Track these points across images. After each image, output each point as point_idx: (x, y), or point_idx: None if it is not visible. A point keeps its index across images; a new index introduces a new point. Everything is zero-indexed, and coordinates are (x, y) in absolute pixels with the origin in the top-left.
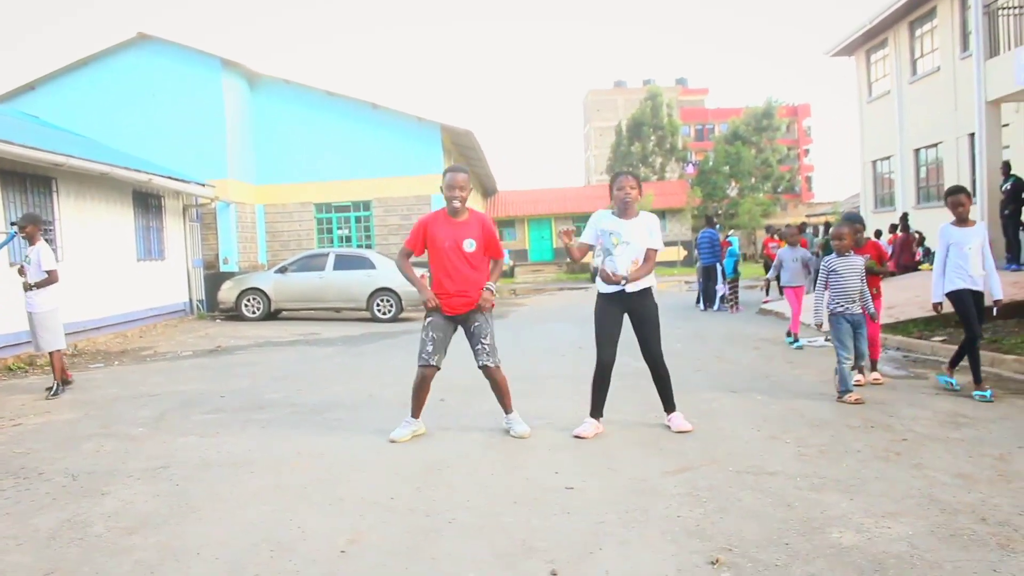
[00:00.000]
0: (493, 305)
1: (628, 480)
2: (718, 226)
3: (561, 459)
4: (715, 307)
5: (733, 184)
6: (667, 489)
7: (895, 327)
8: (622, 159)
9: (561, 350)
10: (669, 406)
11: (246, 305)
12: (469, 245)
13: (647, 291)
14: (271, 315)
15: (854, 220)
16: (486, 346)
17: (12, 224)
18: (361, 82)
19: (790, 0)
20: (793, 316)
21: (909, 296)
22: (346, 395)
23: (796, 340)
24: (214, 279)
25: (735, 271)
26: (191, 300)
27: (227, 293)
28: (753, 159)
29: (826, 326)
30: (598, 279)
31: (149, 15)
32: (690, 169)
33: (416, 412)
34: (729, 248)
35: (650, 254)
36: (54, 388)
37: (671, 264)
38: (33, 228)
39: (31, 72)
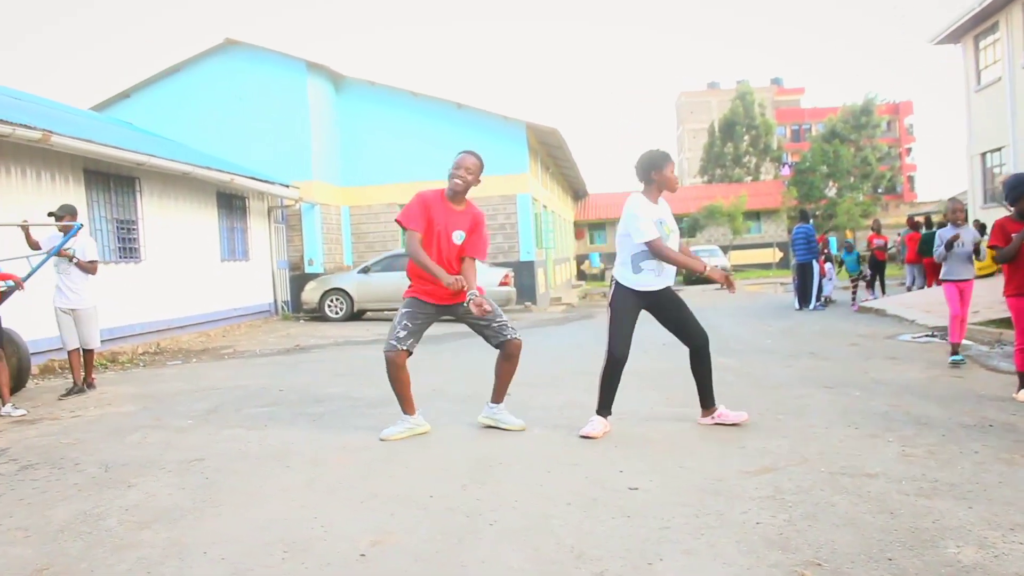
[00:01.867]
0: (485, 306)
1: (701, 480)
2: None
3: (628, 456)
4: (811, 306)
5: (831, 184)
6: (746, 491)
7: (1006, 321)
8: (715, 160)
9: (643, 347)
10: (710, 399)
11: (329, 306)
12: (458, 237)
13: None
14: (355, 316)
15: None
16: (502, 322)
17: (50, 214)
18: (446, 82)
19: None
20: (954, 322)
21: None
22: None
23: (957, 354)
24: (299, 280)
25: (857, 266)
26: (276, 301)
27: (310, 294)
28: (852, 158)
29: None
30: (633, 275)
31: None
32: (786, 170)
33: (408, 407)
34: (847, 244)
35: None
36: (80, 387)
37: (766, 266)
38: (71, 219)
39: (127, 80)
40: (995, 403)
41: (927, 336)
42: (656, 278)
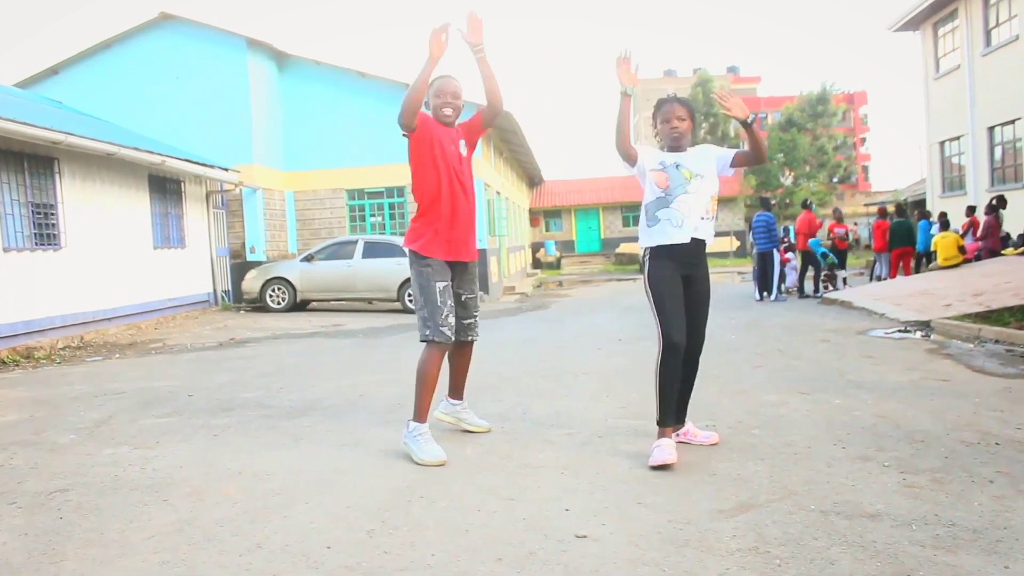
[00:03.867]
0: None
1: (665, 523)
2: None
3: (575, 488)
4: (772, 296)
5: (787, 173)
6: (721, 540)
7: (988, 316)
8: None
9: (597, 342)
10: (682, 414)
11: (271, 295)
12: (462, 146)
13: (703, 249)
14: (298, 306)
15: None
16: (476, 318)
17: None
18: (394, 64)
19: None
20: None
21: (998, 282)
22: (334, 394)
23: None
24: (240, 268)
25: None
26: (215, 291)
27: (251, 283)
28: (808, 146)
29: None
30: (650, 229)
31: None
32: None
33: (426, 414)
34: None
35: (739, 155)
36: None
37: (724, 255)
38: None
39: (55, 55)
40: (994, 414)
41: (899, 331)
42: (675, 229)
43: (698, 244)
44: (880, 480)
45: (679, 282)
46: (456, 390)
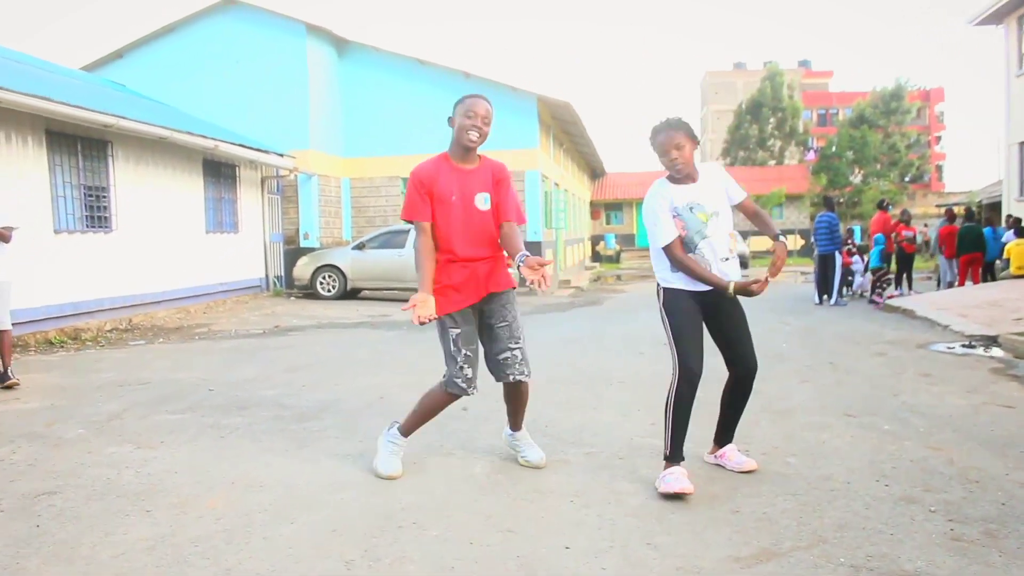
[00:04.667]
0: (547, 278)
1: (671, 570)
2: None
3: (581, 521)
4: (832, 301)
5: (856, 171)
6: None
7: None
8: (739, 142)
9: (641, 345)
10: (728, 436)
11: (321, 283)
12: (482, 201)
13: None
14: (348, 294)
15: None
16: (518, 352)
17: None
18: (454, 51)
19: None
20: None
21: None
22: (354, 395)
23: None
24: (293, 255)
25: (881, 261)
26: (267, 276)
27: (302, 270)
28: (879, 144)
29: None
30: (672, 275)
31: None
32: (810, 155)
33: (411, 433)
34: (876, 236)
35: (748, 201)
36: (10, 373)
37: (788, 253)
38: None
39: (120, 39)
40: None
41: (964, 346)
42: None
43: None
44: (924, 529)
45: (696, 311)
46: (512, 422)
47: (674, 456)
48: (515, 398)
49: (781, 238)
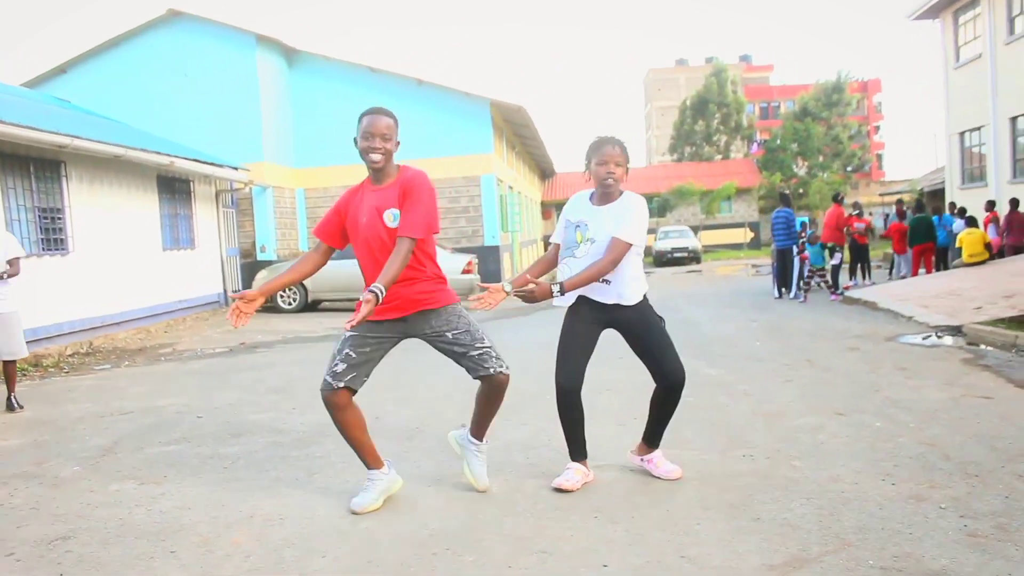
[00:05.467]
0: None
1: None
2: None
3: (612, 538)
4: (791, 295)
5: (801, 163)
6: None
7: (1022, 322)
8: (685, 138)
9: (617, 350)
10: (656, 440)
11: (281, 296)
12: (391, 218)
13: (641, 303)
14: (309, 306)
15: None
16: (490, 348)
17: None
18: (406, 58)
19: None
20: None
21: None
22: None
23: None
24: (251, 268)
25: (822, 259)
26: (225, 291)
27: (261, 284)
28: (823, 136)
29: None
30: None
31: None
32: (755, 148)
33: (372, 460)
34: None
35: (615, 245)
36: (13, 401)
37: (738, 247)
38: None
39: (64, 54)
40: None
41: (931, 337)
42: (589, 287)
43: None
44: (939, 526)
45: (588, 326)
46: (478, 428)
47: (573, 454)
48: (492, 396)
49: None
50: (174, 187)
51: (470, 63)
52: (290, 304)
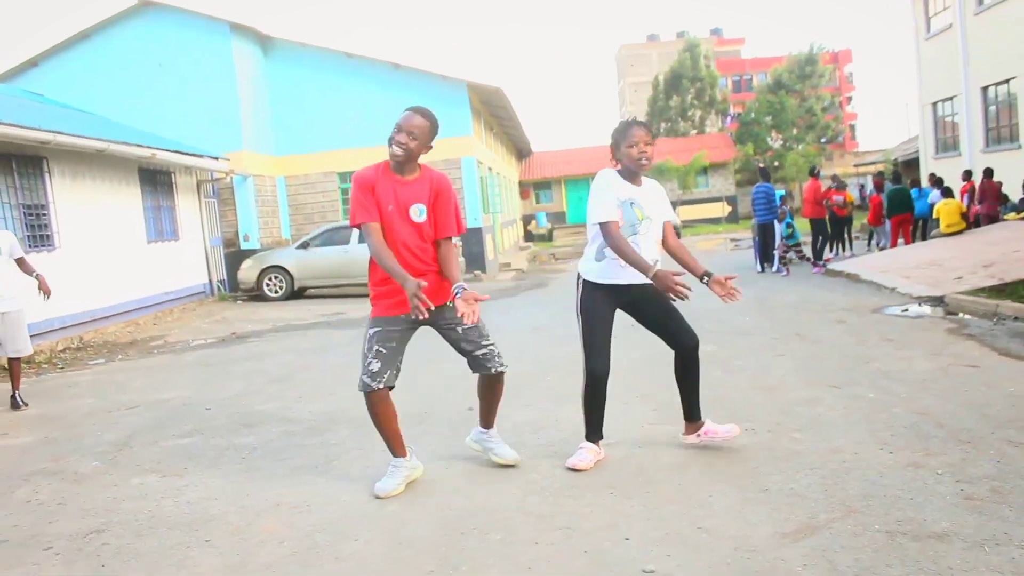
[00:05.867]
0: (477, 315)
1: (731, 552)
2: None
3: (630, 513)
4: (774, 268)
5: (775, 135)
6: (793, 570)
7: (1001, 290)
8: (660, 113)
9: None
10: (695, 412)
11: (268, 284)
12: (417, 213)
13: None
14: (295, 294)
15: None
16: (493, 347)
17: None
18: (381, 44)
19: None
20: None
21: (1005, 251)
22: (354, 404)
23: None
24: (235, 257)
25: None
26: (211, 281)
27: (247, 272)
28: (796, 108)
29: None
30: (596, 264)
31: None
32: (729, 122)
33: (398, 449)
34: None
35: (671, 228)
36: (18, 398)
37: (715, 221)
38: None
39: (34, 47)
40: None
41: (914, 307)
42: (623, 269)
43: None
44: (937, 492)
45: (609, 310)
46: (486, 420)
47: (589, 437)
48: (493, 391)
49: (706, 278)
50: (156, 179)
51: (440, 43)
52: (276, 292)
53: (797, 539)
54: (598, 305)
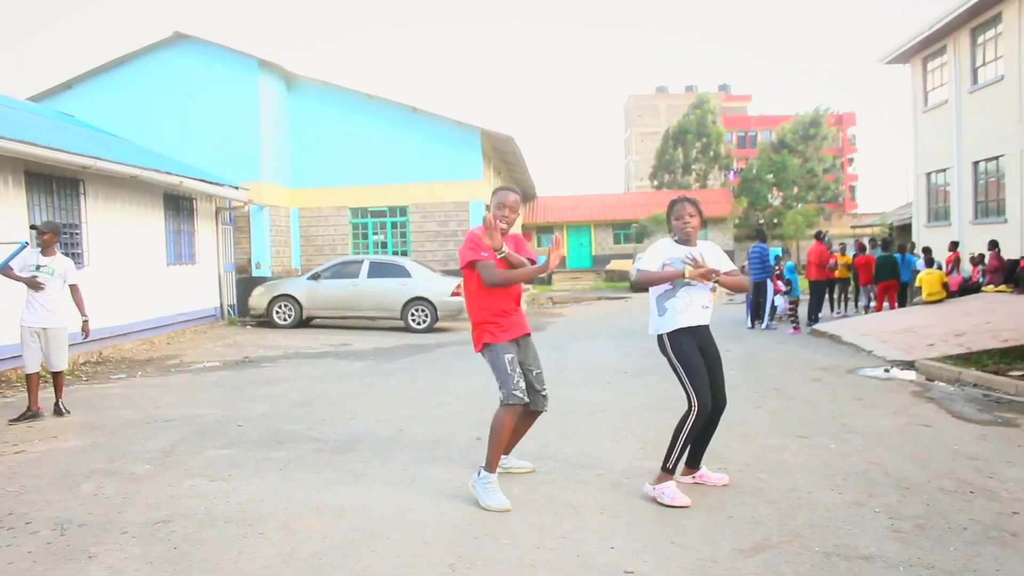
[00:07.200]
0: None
1: (696, 561)
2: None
3: (616, 528)
4: (763, 325)
5: (776, 193)
6: None
7: (967, 359)
8: (666, 166)
9: (604, 375)
10: (698, 461)
11: (277, 312)
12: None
13: (707, 329)
14: (303, 323)
15: None
16: (545, 390)
17: (32, 227)
18: (399, 85)
19: (836, 7)
20: None
21: (978, 322)
22: (374, 429)
23: None
24: (246, 284)
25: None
26: (222, 305)
27: (258, 299)
28: (798, 168)
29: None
30: (661, 318)
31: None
32: (731, 176)
33: (497, 464)
34: (788, 264)
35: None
36: (61, 407)
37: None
38: (52, 236)
39: (69, 70)
40: (971, 463)
41: (885, 371)
42: (680, 315)
43: (704, 328)
44: (872, 525)
45: (695, 347)
46: (510, 447)
47: (672, 469)
48: (529, 424)
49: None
50: (179, 205)
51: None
52: (285, 320)
53: (751, 555)
54: (688, 347)
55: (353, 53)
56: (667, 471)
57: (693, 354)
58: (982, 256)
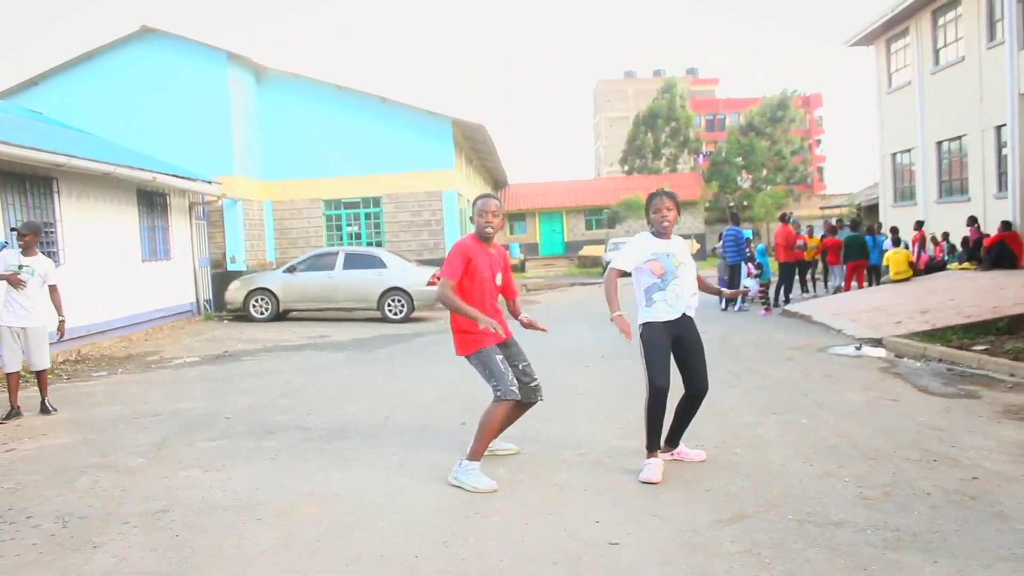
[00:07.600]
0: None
1: (677, 532)
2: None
3: (600, 504)
4: (736, 307)
5: (745, 176)
6: (723, 545)
7: (932, 335)
8: (636, 151)
9: (583, 359)
10: (677, 440)
11: (254, 306)
12: (498, 279)
13: (692, 319)
14: (280, 315)
15: None
16: (538, 382)
17: (12, 229)
18: (370, 77)
19: None
20: None
21: (943, 299)
22: (360, 417)
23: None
24: (221, 278)
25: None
26: (198, 300)
27: (234, 293)
28: (766, 151)
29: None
30: (647, 308)
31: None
32: (701, 160)
33: (483, 453)
34: (759, 247)
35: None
36: (48, 405)
37: None
38: (33, 238)
39: (35, 67)
40: (935, 433)
41: (856, 348)
42: (669, 308)
43: (687, 317)
44: (842, 493)
45: (668, 339)
46: (497, 433)
47: (651, 447)
48: (521, 414)
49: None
50: (152, 200)
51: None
52: (262, 313)
53: (729, 524)
54: (656, 336)
55: (323, 49)
56: (648, 449)
57: (659, 343)
58: (946, 235)
